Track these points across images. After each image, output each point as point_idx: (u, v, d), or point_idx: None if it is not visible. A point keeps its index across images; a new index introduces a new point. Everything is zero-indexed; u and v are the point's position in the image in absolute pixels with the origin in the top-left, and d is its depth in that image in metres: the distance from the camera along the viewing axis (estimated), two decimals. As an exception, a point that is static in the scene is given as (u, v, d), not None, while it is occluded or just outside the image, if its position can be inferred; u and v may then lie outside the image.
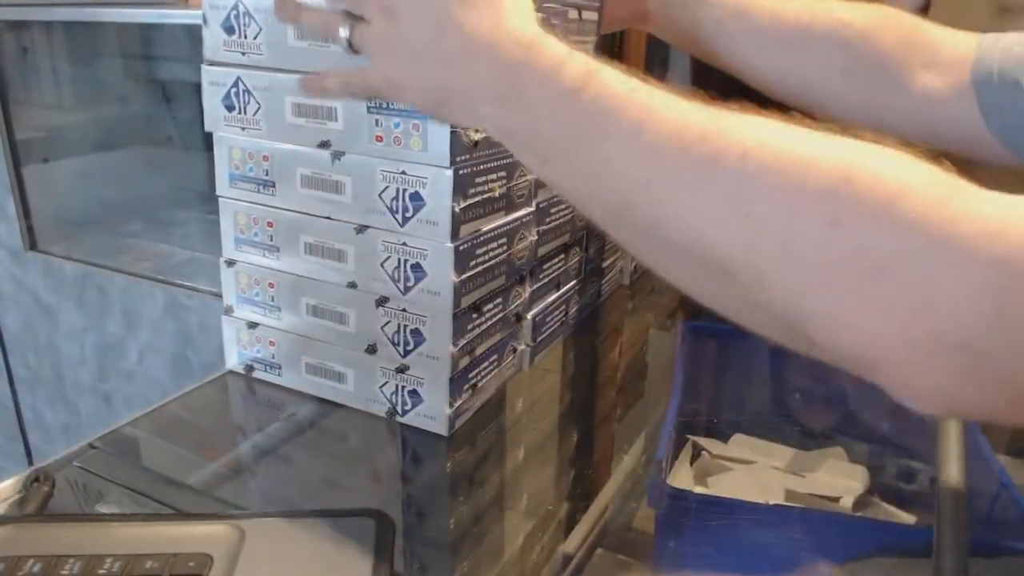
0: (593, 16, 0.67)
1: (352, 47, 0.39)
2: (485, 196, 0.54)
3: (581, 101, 0.31)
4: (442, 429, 0.55)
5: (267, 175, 0.56)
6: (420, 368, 0.55)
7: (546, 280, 0.67)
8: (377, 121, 0.51)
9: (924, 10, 0.82)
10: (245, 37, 0.54)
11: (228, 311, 0.62)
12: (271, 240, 0.58)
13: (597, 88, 0.31)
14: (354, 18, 0.39)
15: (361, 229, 0.54)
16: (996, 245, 0.24)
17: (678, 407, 0.61)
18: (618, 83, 0.31)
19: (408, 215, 0.52)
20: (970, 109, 0.47)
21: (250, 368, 0.63)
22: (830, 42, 0.50)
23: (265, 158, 0.56)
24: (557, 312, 0.70)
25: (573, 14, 0.63)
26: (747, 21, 0.52)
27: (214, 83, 0.56)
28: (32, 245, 1.32)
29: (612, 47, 1.30)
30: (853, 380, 0.27)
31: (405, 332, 0.54)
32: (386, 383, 0.56)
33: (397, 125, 0.50)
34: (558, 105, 0.32)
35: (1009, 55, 0.45)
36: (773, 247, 0.27)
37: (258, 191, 0.57)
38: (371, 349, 0.56)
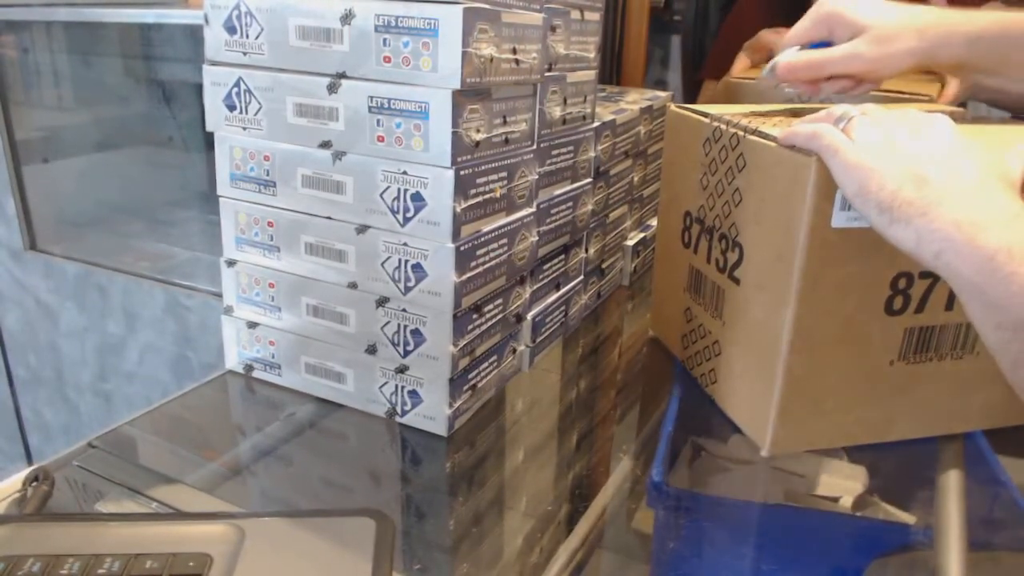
0: (595, 17, 0.68)
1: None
2: (486, 197, 0.54)
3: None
4: (442, 429, 0.55)
5: (268, 175, 0.56)
6: (420, 368, 0.55)
7: (546, 281, 0.67)
8: (378, 121, 0.51)
9: None
10: (247, 37, 0.54)
11: (228, 311, 0.62)
12: (271, 240, 0.58)
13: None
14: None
15: (362, 229, 0.54)
16: None
17: (677, 407, 0.61)
18: None
19: (409, 215, 0.52)
20: None
21: (250, 368, 0.63)
22: None
23: (266, 158, 0.56)
24: (557, 313, 0.70)
25: (575, 14, 0.64)
26: None
27: (215, 83, 0.56)
28: (32, 245, 1.32)
29: (612, 47, 1.30)
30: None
31: (405, 332, 0.54)
32: (386, 383, 0.56)
33: (399, 125, 0.50)
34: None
35: None
36: None
37: (259, 191, 0.57)
38: (371, 349, 0.56)
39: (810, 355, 0.50)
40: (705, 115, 0.59)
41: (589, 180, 0.72)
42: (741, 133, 0.54)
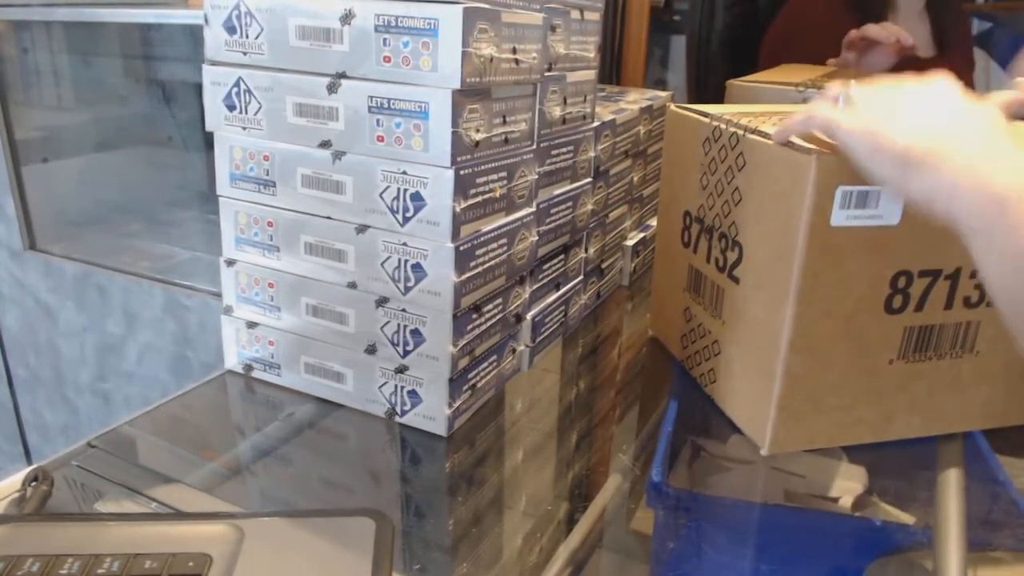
0: (595, 16, 0.68)
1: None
2: (486, 196, 0.54)
3: None
4: (441, 429, 0.55)
5: (268, 175, 0.56)
6: (420, 368, 0.55)
7: (546, 281, 0.67)
8: (378, 121, 0.51)
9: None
10: (247, 37, 0.54)
11: (228, 311, 0.62)
12: (271, 240, 0.58)
13: None
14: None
15: (361, 229, 0.54)
16: None
17: (677, 407, 0.61)
18: None
19: (408, 215, 0.52)
20: None
21: (249, 368, 0.63)
22: None
23: (266, 158, 0.56)
24: (557, 313, 0.70)
25: (575, 14, 0.64)
26: None
27: (215, 83, 0.56)
28: (32, 245, 1.32)
29: (612, 47, 1.30)
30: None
31: (405, 332, 0.54)
32: (385, 383, 0.56)
33: (399, 125, 0.50)
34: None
35: None
36: None
37: (259, 191, 0.57)
38: (371, 349, 0.56)
39: (810, 354, 0.50)
40: (705, 114, 0.59)
41: (589, 180, 0.72)
42: (740, 132, 0.54)
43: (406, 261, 0.53)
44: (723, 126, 0.56)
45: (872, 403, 0.53)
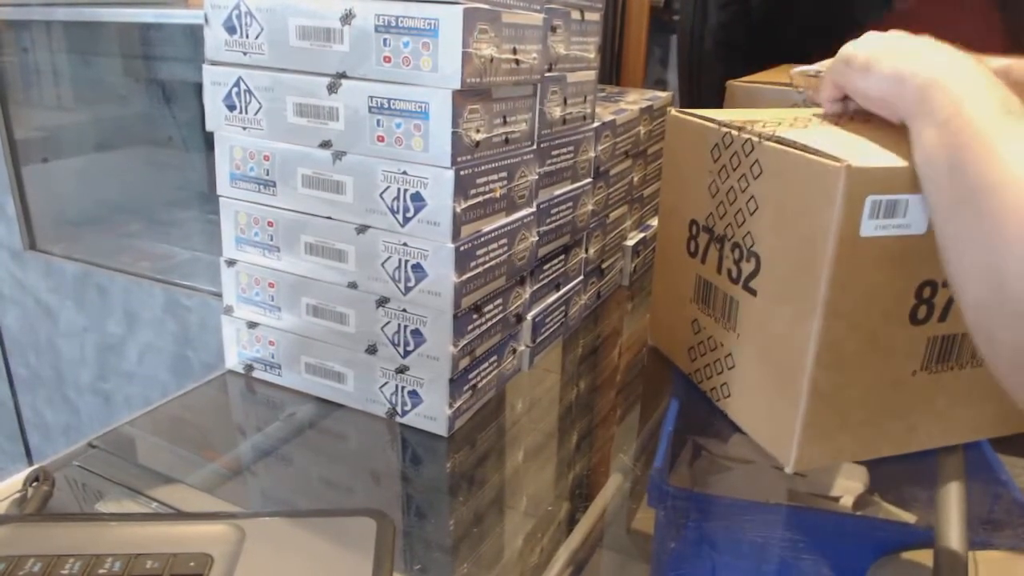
0: (595, 17, 0.68)
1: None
2: (486, 197, 0.54)
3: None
4: (442, 430, 0.55)
5: (268, 175, 0.56)
6: (420, 368, 0.55)
7: (546, 281, 0.67)
8: (379, 121, 0.51)
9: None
10: (247, 37, 0.54)
11: (228, 311, 0.62)
12: (271, 240, 0.58)
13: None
14: None
15: (362, 229, 0.54)
16: None
17: (678, 407, 0.61)
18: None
19: (409, 215, 0.52)
20: None
21: (250, 368, 0.63)
22: None
23: (266, 158, 0.56)
24: (557, 313, 0.70)
25: (576, 15, 0.64)
26: None
27: (215, 83, 0.56)
28: (32, 245, 1.32)
29: (612, 47, 1.30)
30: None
31: (405, 332, 0.54)
32: (386, 383, 0.56)
33: (399, 125, 0.50)
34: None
35: None
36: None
37: (259, 191, 0.57)
38: (371, 349, 0.56)
39: (836, 369, 0.48)
40: (711, 120, 0.58)
41: (589, 180, 0.72)
42: (756, 139, 0.52)
43: (406, 261, 0.53)
44: (735, 132, 0.55)
45: (896, 416, 0.52)
